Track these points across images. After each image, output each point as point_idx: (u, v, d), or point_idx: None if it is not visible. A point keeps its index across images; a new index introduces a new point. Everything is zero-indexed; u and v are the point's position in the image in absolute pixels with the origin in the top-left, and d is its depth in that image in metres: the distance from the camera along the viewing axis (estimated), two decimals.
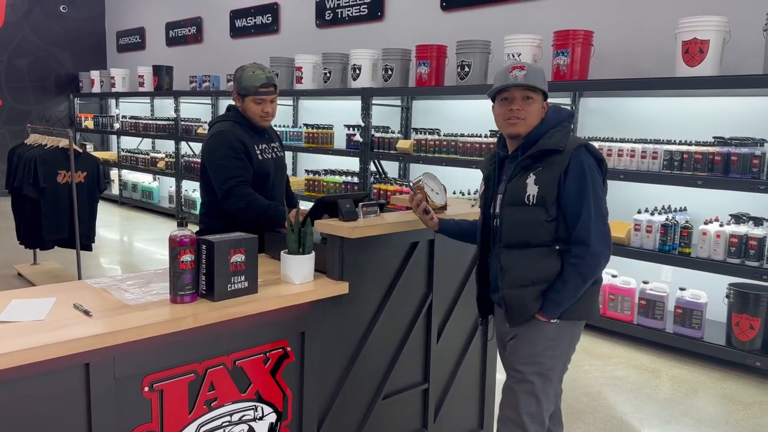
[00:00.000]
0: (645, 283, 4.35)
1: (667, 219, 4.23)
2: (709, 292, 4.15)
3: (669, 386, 3.75)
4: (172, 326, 1.80)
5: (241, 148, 2.73)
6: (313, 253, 2.23)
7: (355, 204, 2.38)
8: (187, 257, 1.94)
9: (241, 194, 2.66)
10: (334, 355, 2.30)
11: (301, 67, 6.83)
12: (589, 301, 2.06)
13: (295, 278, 2.19)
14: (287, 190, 3.17)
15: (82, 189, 4.95)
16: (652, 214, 4.33)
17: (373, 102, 6.13)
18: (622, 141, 4.46)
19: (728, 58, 4.20)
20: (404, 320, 2.54)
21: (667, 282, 4.46)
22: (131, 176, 10.23)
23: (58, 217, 4.86)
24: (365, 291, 2.37)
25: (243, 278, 2.03)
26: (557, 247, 1.98)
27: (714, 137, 4.07)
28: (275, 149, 2.98)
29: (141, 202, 9.86)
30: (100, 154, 10.87)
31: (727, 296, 4.05)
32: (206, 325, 1.90)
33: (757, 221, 3.91)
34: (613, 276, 4.49)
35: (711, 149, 4.02)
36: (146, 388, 1.82)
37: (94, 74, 10.81)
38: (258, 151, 2.82)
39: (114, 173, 10.54)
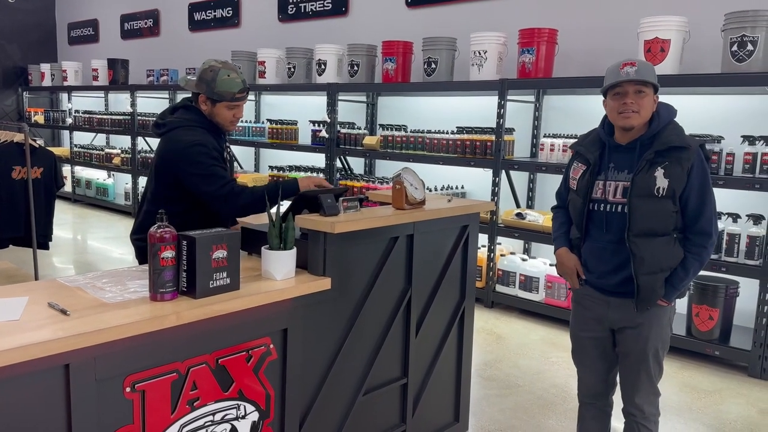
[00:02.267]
0: None
1: None
2: None
3: None
4: (154, 325, 1.75)
5: (219, 155, 2.62)
6: (295, 248, 2.20)
7: (335, 199, 2.36)
8: (168, 254, 1.89)
9: (240, 191, 2.53)
10: (316, 351, 2.28)
11: (264, 62, 6.74)
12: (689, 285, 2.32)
13: (277, 274, 2.16)
14: None
15: (39, 185, 4.76)
16: None
17: (339, 98, 6.10)
18: None
19: (688, 57, 4.34)
20: (384, 315, 2.54)
21: None
22: (85, 173, 9.92)
23: (13, 215, 4.66)
24: (347, 287, 2.35)
25: (225, 275, 1.99)
26: (676, 236, 2.15)
27: None
28: (230, 151, 2.88)
29: (95, 200, 9.57)
30: (52, 150, 10.50)
31: (688, 288, 4.18)
32: (188, 323, 1.85)
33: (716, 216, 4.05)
34: None
35: None
36: (128, 389, 1.76)
37: (45, 67, 10.42)
38: (228, 155, 2.74)
39: (67, 170, 10.18)
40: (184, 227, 2.00)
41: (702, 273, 4.12)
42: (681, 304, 4.29)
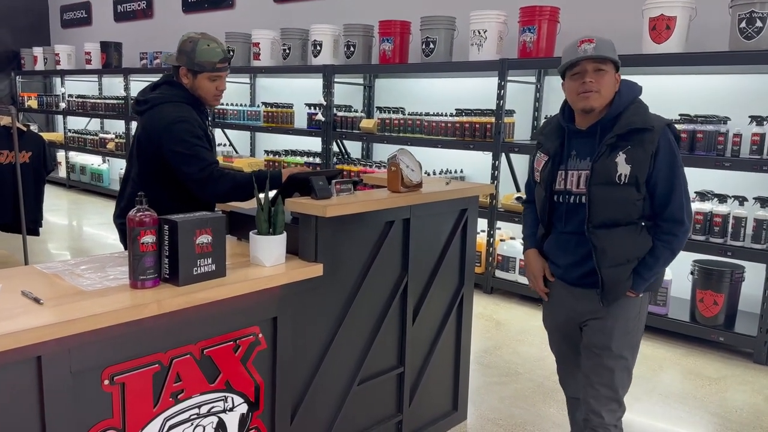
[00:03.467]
0: None
1: None
2: (673, 269, 4.18)
3: (636, 363, 3.75)
4: (133, 314, 1.65)
5: (203, 134, 2.49)
6: (285, 233, 2.09)
7: (327, 181, 2.25)
8: (148, 238, 1.78)
9: (218, 176, 2.40)
10: (307, 340, 2.19)
11: (259, 43, 6.59)
12: (660, 274, 2.13)
13: (266, 260, 2.05)
14: None
15: (28, 170, 4.64)
16: None
17: (335, 80, 5.96)
18: None
19: (694, 35, 4.20)
20: (380, 303, 2.44)
21: (669, 267, 4.45)
22: (79, 158, 9.78)
23: (1, 201, 4.55)
24: (340, 273, 2.25)
25: (210, 261, 1.88)
26: (643, 224, 2.00)
27: (680, 115, 4.08)
28: (210, 126, 2.76)
29: (90, 185, 9.44)
30: (45, 136, 10.35)
31: (692, 273, 4.09)
32: (171, 312, 1.75)
33: (722, 198, 3.94)
34: None
35: (677, 127, 4.02)
36: (106, 381, 1.66)
37: (37, 51, 10.24)
38: (210, 134, 2.61)
39: (61, 155, 10.05)
40: (171, 211, 1.90)
41: (707, 257, 4.03)
42: (684, 290, 4.20)
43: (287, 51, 6.37)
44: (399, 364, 2.57)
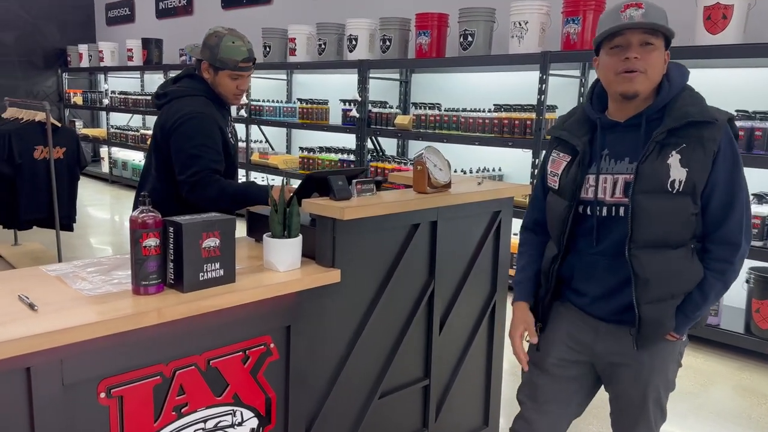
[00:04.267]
0: None
1: None
2: None
3: (684, 376, 3.50)
4: (130, 323, 1.54)
5: (219, 136, 2.37)
6: (300, 236, 1.96)
7: (348, 181, 2.11)
8: (151, 241, 1.67)
9: (208, 183, 2.28)
10: (324, 351, 2.05)
11: (295, 39, 6.50)
12: None
13: (280, 265, 1.92)
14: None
15: (62, 166, 4.66)
16: None
17: (371, 75, 5.82)
18: None
19: (753, 24, 3.90)
20: (403, 311, 2.28)
21: None
22: (121, 154, 9.92)
23: (35, 196, 4.58)
24: (359, 279, 2.10)
25: (217, 266, 1.76)
26: (692, 246, 1.60)
27: (737, 110, 3.79)
28: (233, 126, 2.63)
29: (131, 181, 9.56)
30: (89, 132, 10.57)
31: (747, 281, 3.80)
32: (174, 320, 1.63)
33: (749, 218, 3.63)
34: None
35: None
36: (102, 395, 1.56)
37: (83, 48, 10.44)
38: (229, 135, 2.47)
39: (104, 151, 10.23)
40: (191, 212, 1.79)
41: (765, 265, 3.73)
42: (739, 299, 3.91)
43: (323, 46, 6.26)
44: (424, 376, 2.41)
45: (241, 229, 2.47)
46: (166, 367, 1.67)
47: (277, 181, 4.22)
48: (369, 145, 5.99)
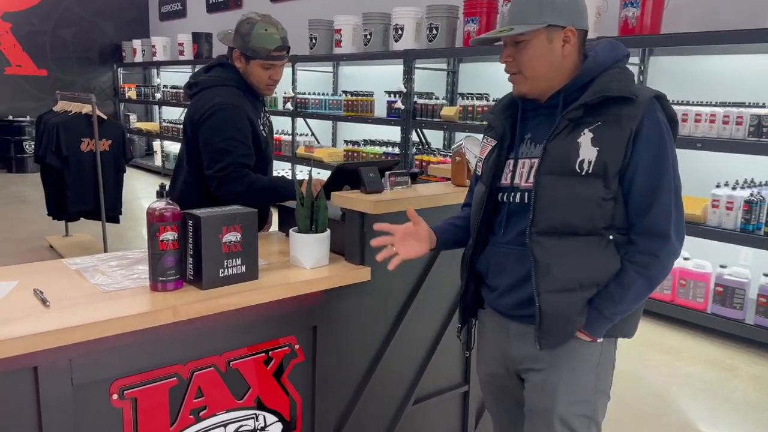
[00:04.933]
0: (722, 267, 3.81)
1: (751, 194, 3.66)
2: (751, 268, 3.65)
3: (749, 386, 3.24)
4: (143, 321, 1.45)
5: (249, 129, 2.25)
6: (329, 231, 1.84)
7: (381, 173, 1.97)
8: (169, 235, 1.58)
9: (236, 178, 2.16)
10: (353, 353, 1.93)
11: (341, 29, 6.39)
12: (638, 311, 1.52)
13: (306, 262, 1.81)
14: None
15: (108, 158, 4.70)
16: (734, 188, 3.76)
17: (417, 65, 5.66)
18: (700, 104, 3.88)
19: None
20: (440, 311, 2.14)
21: (747, 266, 3.90)
22: (173, 147, 10.07)
23: (82, 188, 4.64)
24: (391, 277, 1.96)
25: (239, 261, 1.66)
26: (611, 237, 1.41)
27: None
28: (268, 118, 2.49)
29: None
30: (143, 125, 10.79)
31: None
32: (192, 318, 1.54)
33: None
34: (685, 259, 3.96)
35: None
36: (115, 396, 1.48)
37: (136, 43, 10.65)
38: (261, 127, 2.35)
39: (156, 144, 10.42)
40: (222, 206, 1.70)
41: None
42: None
43: (368, 36, 6.14)
44: (463, 381, 2.27)
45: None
46: (184, 367, 1.58)
47: (311, 173, 4.13)
48: (414, 137, 5.84)
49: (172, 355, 1.56)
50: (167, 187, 1.60)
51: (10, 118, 9.85)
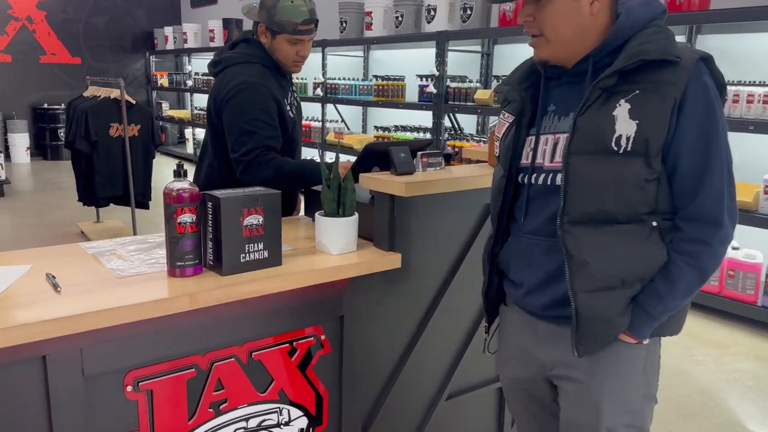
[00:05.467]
0: None
1: None
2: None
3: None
4: (157, 309, 1.36)
5: (275, 109, 2.12)
6: (357, 215, 1.72)
7: (413, 154, 1.85)
8: (187, 217, 1.48)
9: (263, 162, 2.04)
10: (382, 344, 1.81)
11: (371, 12, 6.25)
12: (686, 306, 1.34)
13: (333, 247, 1.70)
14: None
15: (137, 143, 4.67)
16: None
17: (449, 48, 5.48)
18: (753, 84, 3.64)
19: None
20: (475, 301, 1.99)
21: None
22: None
23: (111, 173, 4.62)
24: (424, 265, 1.85)
25: (261, 246, 1.55)
26: (654, 224, 1.23)
27: None
28: (296, 98, 2.36)
29: None
30: (175, 113, 10.82)
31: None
32: (211, 306, 1.45)
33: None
34: (735, 248, 3.74)
35: None
36: (129, 388, 1.40)
37: (168, 31, 10.65)
38: (288, 107, 2.22)
39: (188, 132, 10.44)
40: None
41: None
42: None
43: (400, 19, 5.98)
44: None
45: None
46: (203, 358, 1.49)
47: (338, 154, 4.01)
48: (446, 122, 5.68)
49: (190, 345, 1.46)
50: (187, 173, 1.50)
51: (45, 105, 9.98)
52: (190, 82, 10.14)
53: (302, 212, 2.24)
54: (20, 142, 9.51)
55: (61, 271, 1.50)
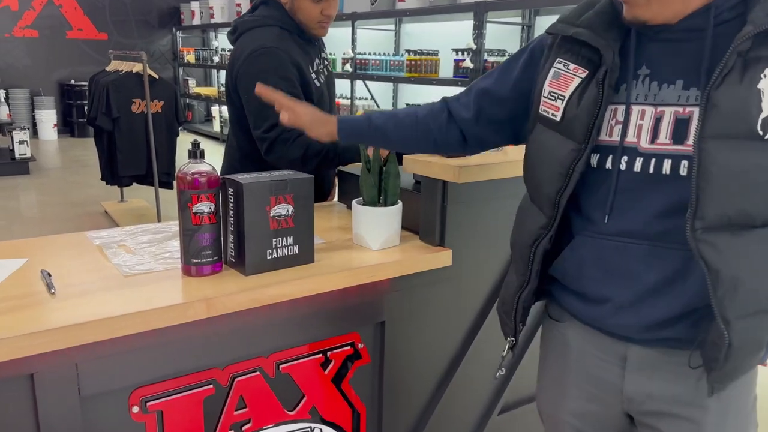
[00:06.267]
0: None
1: None
2: None
3: None
4: (167, 317, 1.14)
5: (296, 76, 1.87)
6: (400, 204, 1.48)
7: None
8: (204, 206, 1.25)
9: (289, 139, 1.79)
10: (428, 353, 1.58)
11: None
12: None
13: (373, 242, 1.46)
14: None
15: (160, 120, 4.47)
16: None
17: (488, 19, 5.16)
18: None
19: None
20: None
21: None
22: None
23: (134, 151, 4.43)
24: (477, 263, 1.60)
25: (290, 240, 1.32)
26: None
27: None
28: (326, 65, 2.09)
29: None
30: (201, 90, 10.64)
31: None
32: (232, 312, 1.22)
33: None
34: None
35: None
36: (136, 408, 1.18)
37: (195, 5, 10.43)
38: (313, 75, 1.95)
39: (215, 110, 10.26)
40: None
41: None
42: None
43: None
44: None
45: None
46: (222, 372, 1.27)
47: None
48: None
49: (207, 358, 1.24)
50: (204, 153, 1.26)
51: (72, 82, 9.88)
52: (216, 58, 9.94)
53: (336, 198, 2.00)
54: (47, 118, 9.44)
55: (60, 267, 1.29)
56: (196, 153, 1.27)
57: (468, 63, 5.24)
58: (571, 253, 1.09)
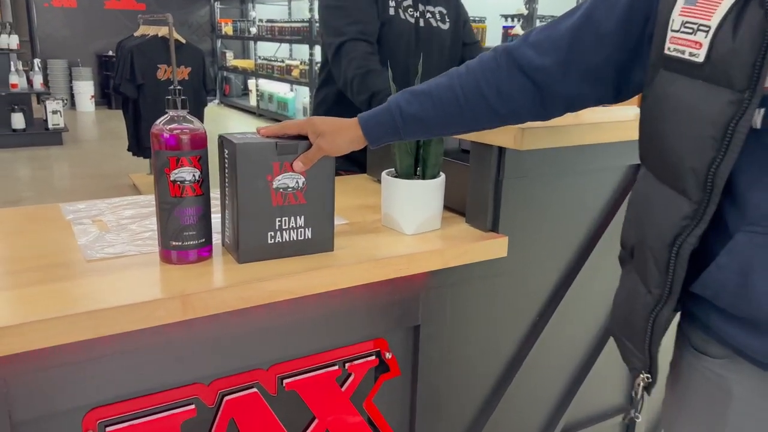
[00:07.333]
0: None
1: None
2: None
3: None
4: (133, 319, 0.85)
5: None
6: (443, 177, 1.16)
7: None
8: (186, 173, 0.96)
9: (351, 51, 1.56)
10: (474, 364, 1.27)
11: None
12: None
13: (407, 225, 1.14)
14: None
15: (187, 88, 4.21)
16: None
17: None
18: None
19: None
20: (603, 306, 1.42)
21: None
22: (268, 86, 9.65)
23: None
24: (539, 253, 1.27)
25: (301, 222, 1.02)
26: None
27: None
28: (435, 16, 1.79)
29: (277, 114, 9.27)
30: (238, 63, 10.42)
31: None
32: (221, 314, 0.93)
33: None
34: None
35: None
36: None
37: None
38: (394, 3, 1.68)
39: (252, 83, 10.04)
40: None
41: None
42: None
43: None
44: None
45: None
46: (207, 389, 0.98)
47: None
48: None
49: (187, 370, 0.96)
50: (186, 103, 0.97)
51: (110, 53, 9.76)
52: (254, 30, 9.69)
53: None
54: (85, 89, 9.37)
55: (13, 247, 1.02)
56: (176, 102, 0.97)
57: (518, 30, 4.86)
58: (729, 259, 0.73)
